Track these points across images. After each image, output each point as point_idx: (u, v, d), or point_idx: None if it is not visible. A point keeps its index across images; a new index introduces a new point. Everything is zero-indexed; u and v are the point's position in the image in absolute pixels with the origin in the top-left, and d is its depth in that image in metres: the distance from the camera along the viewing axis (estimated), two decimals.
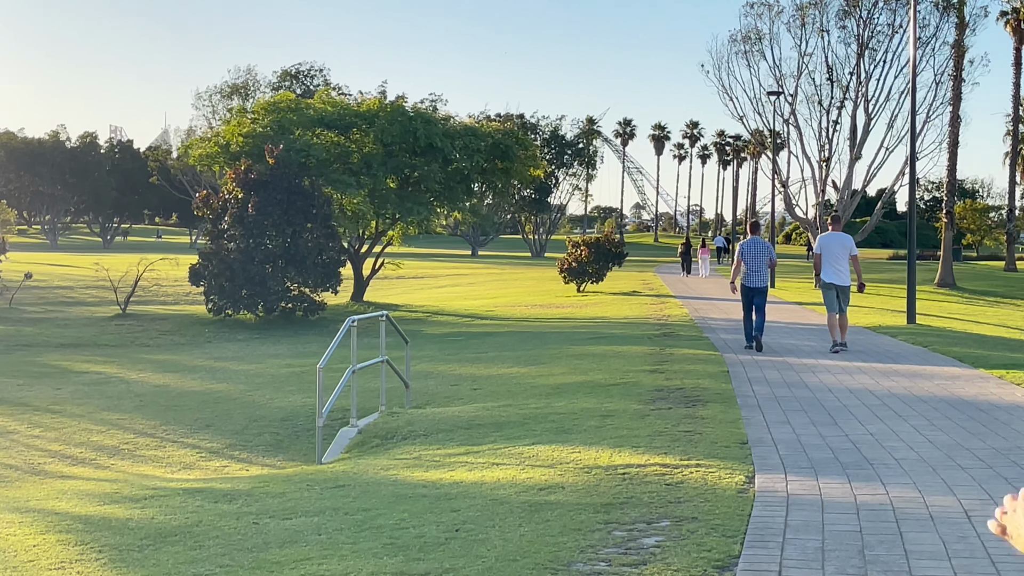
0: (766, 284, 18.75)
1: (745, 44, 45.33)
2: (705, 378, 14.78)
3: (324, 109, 32.72)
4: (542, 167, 38.28)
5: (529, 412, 12.54)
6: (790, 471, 8.74)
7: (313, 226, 28.84)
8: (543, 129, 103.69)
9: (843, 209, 43.85)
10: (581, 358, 17.98)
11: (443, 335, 25.38)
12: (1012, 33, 58.19)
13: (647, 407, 12.27)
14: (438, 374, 18.00)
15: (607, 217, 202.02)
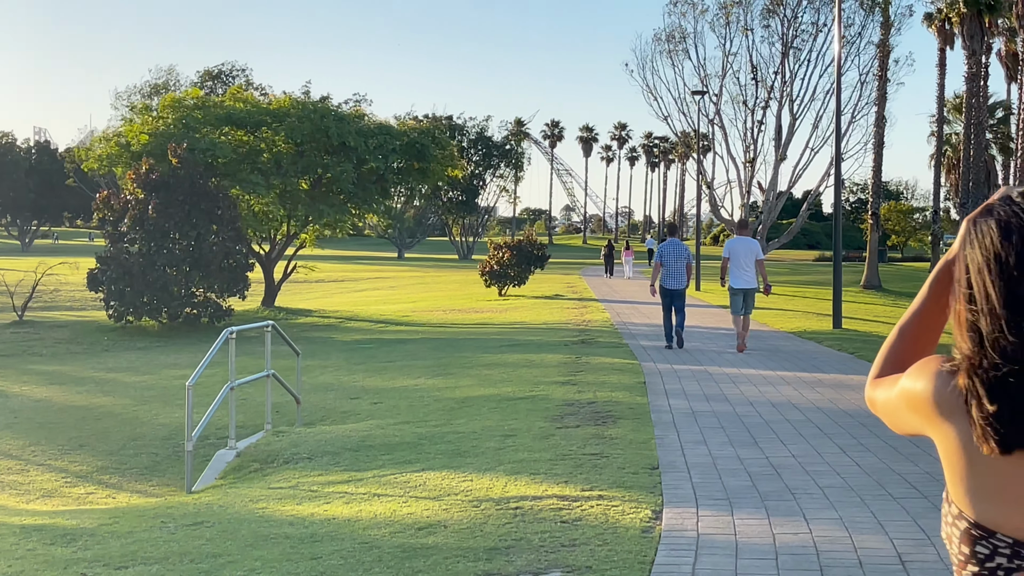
0: (684, 286, 18.97)
1: (669, 43, 44.70)
2: (620, 390, 13.83)
3: (232, 107, 31.37)
4: (460, 167, 37.17)
5: (426, 431, 11.50)
6: (703, 503, 7.78)
7: (219, 228, 27.55)
8: (470, 130, 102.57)
9: (768, 210, 43.31)
10: (492, 368, 16.97)
11: (353, 342, 24.24)
12: (937, 34, 58.06)
13: (553, 425, 11.28)
14: (339, 387, 16.89)
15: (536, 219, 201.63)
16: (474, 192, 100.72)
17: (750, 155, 43.52)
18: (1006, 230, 1.90)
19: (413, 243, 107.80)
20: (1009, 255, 1.87)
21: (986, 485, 1.87)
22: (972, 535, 1.89)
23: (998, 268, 1.88)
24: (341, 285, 52.04)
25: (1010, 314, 1.84)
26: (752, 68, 43.13)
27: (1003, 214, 1.93)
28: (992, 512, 1.87)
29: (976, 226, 1.96)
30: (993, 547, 1.86)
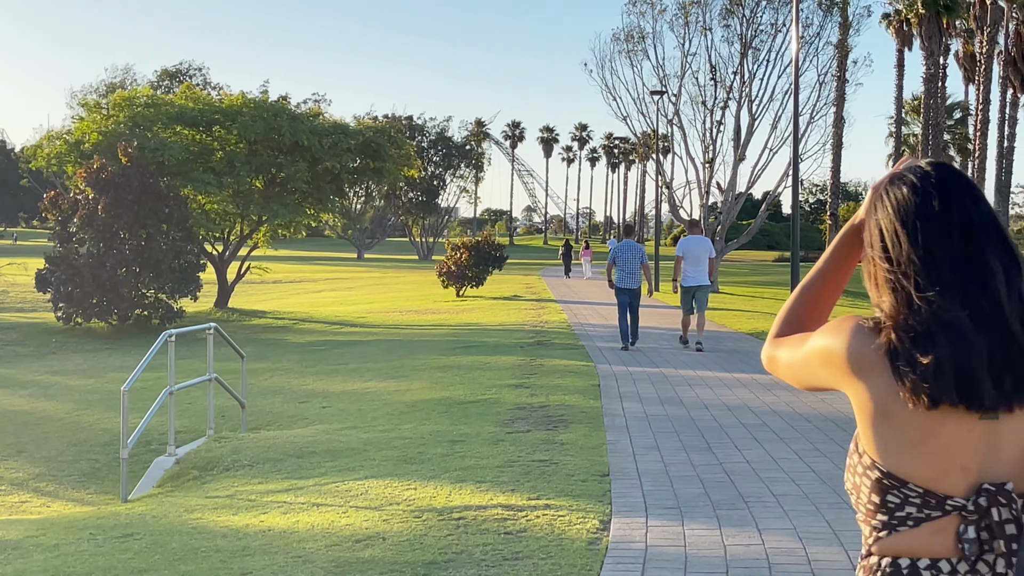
0: (639, 285, 19.08)
1: (628, 43, 44.37)
2: (573, 394, 13.55)
3: (184, 105, 30.84)
4: (417, 167, 36.77)
5: (373, 436, 11.18)
6: (653, 513, 7.50)
7: (169, 228, 27.05)
8: (430, 131, 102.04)
9: (727, 211, 43.17)
10: (445, 370, 16.65)
11: (307, 344, 23.85)
12: (895, 35, 58.27)
13: (503, 430, 10.98)
14: (289, 390, 16.52)
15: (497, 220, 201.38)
16: (434, 193, 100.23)
17: (709, 155, 43.31)
18: (922, 194, 2.00)
19: (373, 244, 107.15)
20: (924, 217, 1.98)
21: (901, 438, 1.95)
22: (883, 485, 1.97)
23: (915, 230, 1.97)
24: (298, 286, 51.51)
25: (929, 271, 1.94)
26: (711, 68, 42.92)
27: (914, 179, 2.03)
28: (905, 463, 1.95)
29: (888, 192, 2.06)
30: (904, 496, 1.96)
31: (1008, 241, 2.00)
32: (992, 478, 1.94)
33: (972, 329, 1.91)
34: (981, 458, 1.94)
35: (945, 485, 1.95)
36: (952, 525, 1.94)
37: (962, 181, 2.05)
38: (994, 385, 1.90)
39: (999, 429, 1.94)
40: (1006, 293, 1.94)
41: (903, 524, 1.97)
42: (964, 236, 1.97)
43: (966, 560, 1.93)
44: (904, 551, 1.98)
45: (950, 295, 1.93)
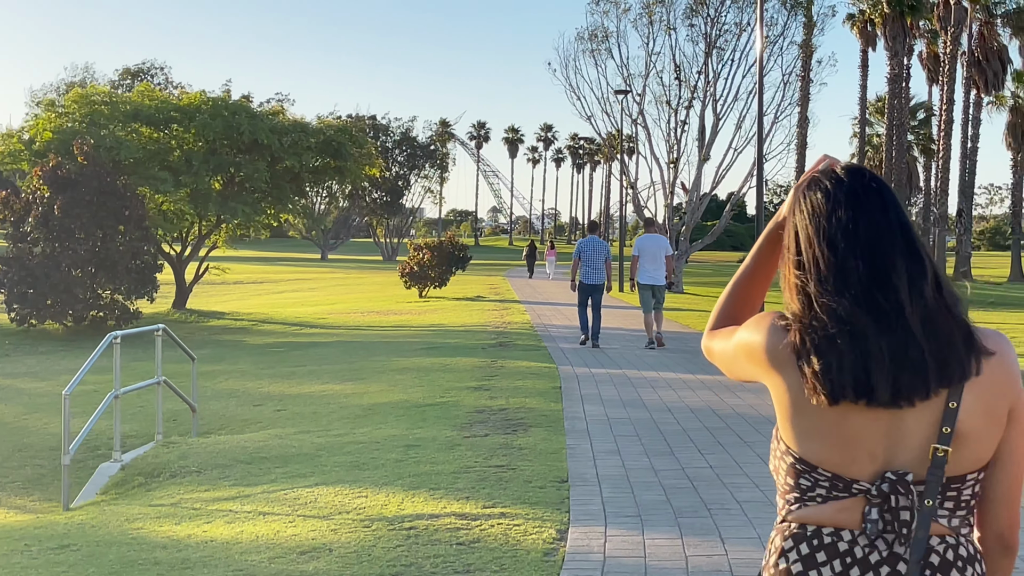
0: (603, 281, 19.17)
1: (592, 42, 44.17)
2: (533, 396, 13.25)
3: (141, 103, 30.32)
4: (378, 166, 36.36)
5: (327, 441, 10.84)
6: (612, 521, 7.21)
7: (126, 228, 26.57)
8: (394, 131, 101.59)
9: (692, 211, 43.02)
10: (404, 373, 16.32)
11: (265, 346, 23.46)
12: (859, 36, 58.32)
13: (461, 434, 10.67)
14: (243, 393, 16.15)
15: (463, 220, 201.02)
16: (399, 193, 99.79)
17: (673, 155, 43.18)
18: (833, 200, 2.13)
19: (337, 244, 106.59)
20: (835, 227, 2.10)
21: (811, 428, 2.10)
22: (797, 469, 2.14)
23: (827, 238, 2.10)
24: (260, 287, 51.02)
25: (835, 279, 2.07)
26: (675, 68, 42.79)
27: (829, 186, 2.15)
28: (816, 450, 2.11)
29: (805, 196, 2.17)
30: (814, 480, 2.12)
31: (915, 245, 2.10)
32: (896, 466, 2.07)
33: (873, 330, 2.04)
34: (886, 446, 2.08)
35: (852, 470, 2.09)
36: (858, 505, 2.09)
37: (873, 187, 2.15)
38: (892, 383, 2.03)
39: (903, 420, 2.06)
40: (908, 296, 2.05)
41: (812, 500, 2.13)
42: (870, 243, 2.08)
43: (869, 535, 2.07)
44: (812, 521, 2.13)
45: (853, 299, 2.05)
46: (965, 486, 2.11)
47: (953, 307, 2.10)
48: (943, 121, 47.54)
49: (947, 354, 2.05)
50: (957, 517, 2.11)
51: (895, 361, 2.03)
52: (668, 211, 43.70)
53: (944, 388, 2.05)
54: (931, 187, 67.77)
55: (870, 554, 2.08)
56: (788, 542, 2.16)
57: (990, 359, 2.08)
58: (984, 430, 2.08)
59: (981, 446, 2.10)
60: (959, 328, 2.08)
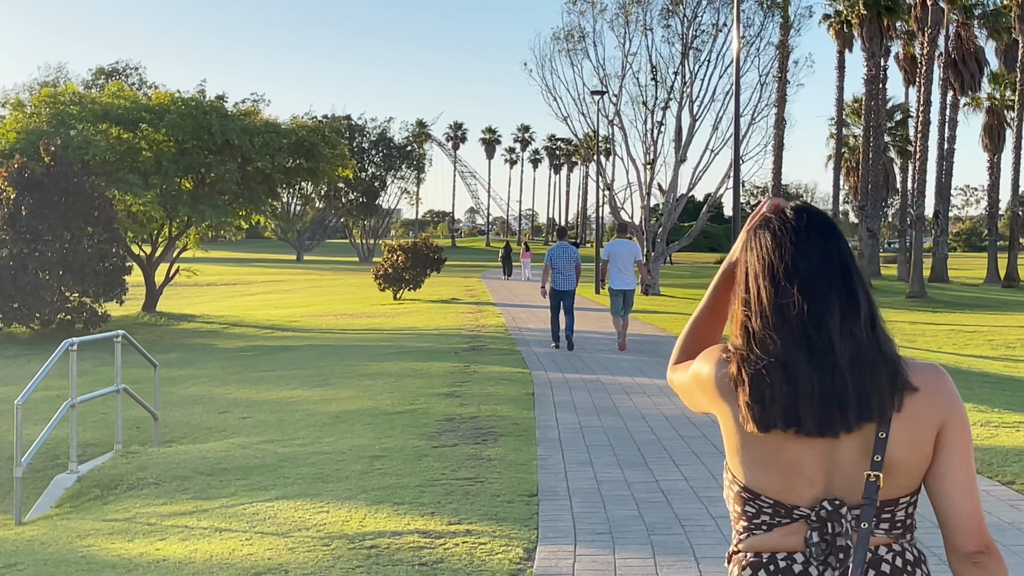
0: (573, 287, 19.40)
1: (568, 42, 43.89)
2: (506, 403, 12.96)
3: (110, 103, 29.85)
4: (351, 167, 35.94)
5: (291, 451, 10.51)
6: (582, 539, 6.92)
7: (94, 230, 26.12)
8: (370, 131, 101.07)
9: (669, 213, 42.78)
10: (375, 378, 15.99)
11: (234, 350, 23.07)
12: (835, 37, 58.23)
13: (429, 444, 10.36)
14: (210, 399, 15.78)
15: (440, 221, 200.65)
16: (375, 194, 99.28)
17: (650, 157, 42.95)
18: (779, 244, 2.26)
19: (312, 245, 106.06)
20: (778, 267, 2.24)
21: (753, 457, 2.23)
22: (743, 496, 2.26)
23: (770, 277, 2.24)
24: (233, 289, 50.53)
25: (776, 318, 2.21)
26: (652, 68, 42.55)
27: (776, 227, 2.29)
28: (759, 479, 2.23)
29: (756, 236, 2.31)
30: (759, 507, 2.24)
31: (853, 286, 2.24)
32: (833, 491, 2.21)
33: (805, 366, 2.17)
34: (823, 473, 2.21)
35: (792, 497, 2.22)
36: (802, 529, 2.22)
37: (817, 228, 2.29)
38: (818, 415, 2.16)
39: (837, 449, 2.20)
40: (839, 335, 2.19)
41: (759, 528, 2.25)
42: (809, 283, 2.22)
43: (815, 557, 2.21)
44: (763, 548, 2.25)
45: (788, 335, 2.20)
46: (898, 508, 2.25)
47: (884, 346, 2.23)
48: (920, 122, 47.35)
49: (869, 391, 2.18)
50: (893, 534, 2.26)
51: (822, 395, 2.17)
52: (645, 212, 43.45)
53: (865, 422, 2.18)
54: (907, 188, 67.86)
55: (824, 573, 2.22)
56: (747, 571, 2.28)
57: (913, 395, 2.21)
58: (911, 459, 2.22)
59: (909, 473, 2.24)
60: (886, 366, 2.20)
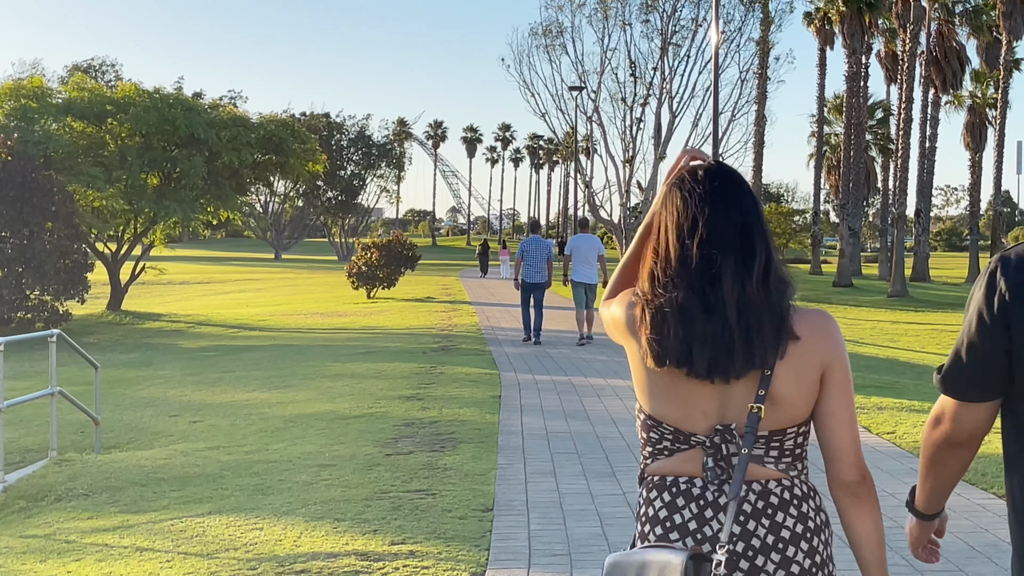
0: (544, 279, 19.78)
1: (546, 37, 43.20)
2: (470, 406, 12.27)
3: (73, 96, 28.98)
4: (322, 162, 35.09)
5: (236, 459, 9.81)
6: (537, 561, 6.24)
7: (54, 226, 25.33)
8: (349, 129, 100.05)
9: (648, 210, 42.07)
10: (336, 379, 15.29)
11: (197, 350, 22.33)
12: (816, 34, 57.67)
13: (383, 451, 9.66)
14: (163, 401, 15.05)
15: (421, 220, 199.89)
16: (354, 192, 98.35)
17: (629, 154, 42.28)
18: (685, 204, 2.55)
19: (291, 244, 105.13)
20: (684, 225, 2.53)
21: (654, 389, 2.55)
22: (648, 424, 2.60)
23: (676, 233, 2.53)
24: (206, 287, 49.67)
25: (678, 268, 2.50)
26: (631, 64, 41.87)
27: (690, 184, 2.57)
28: (660, 408, 2.55)
29: (670, 194, 2.61)
30: (661, 433, 2.56)
31: (751, 244, 2.50)
32: (726, 421, 2.50)
33: (700, 315, 2.45)
34: (716, 406, 2.50)
35: (689, 425, 2.52)
36: (699, 455, 2.52)
37: (724, 189, 2.56)
38: (708, 361, 2.44)
39: (729, 387, 2.49)
40: (730, 289, 2.45)
41: (662, 453, 2.57)
42: (708, 241, 2.49)
43: (711, 480, 2.50)
44: (665, 472, 2.57)
45: (687, 286, 2.48)
46: (786, 438, 2.50)
47: (773, 298, 2.47)
48: (902, 120, 46.76)
49: (755, 344, 2.43)
50: (783, 463, 2.51)
51: (713, 344, 2.43)
52: (624, 210, 42.79)
53: (751, 371, 2.44)
54: (888, 187, 67.37)
55: (719, 497, 2.48)
56: (653, 492, 2.57)
57: (797, 341, 2.46)
58: (795, 393, 2.46)
59: (795, 406, 2.48)
60: (771, 319, 2.45)
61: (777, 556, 2.46)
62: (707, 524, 2.48)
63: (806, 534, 2.49)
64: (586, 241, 19.60)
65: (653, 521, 2.54)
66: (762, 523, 2.47)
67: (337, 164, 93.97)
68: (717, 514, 2.47)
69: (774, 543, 2.47)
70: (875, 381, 14.82)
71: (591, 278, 19.27)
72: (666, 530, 2.51)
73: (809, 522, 2.50)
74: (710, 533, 2.47)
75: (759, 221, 2.53)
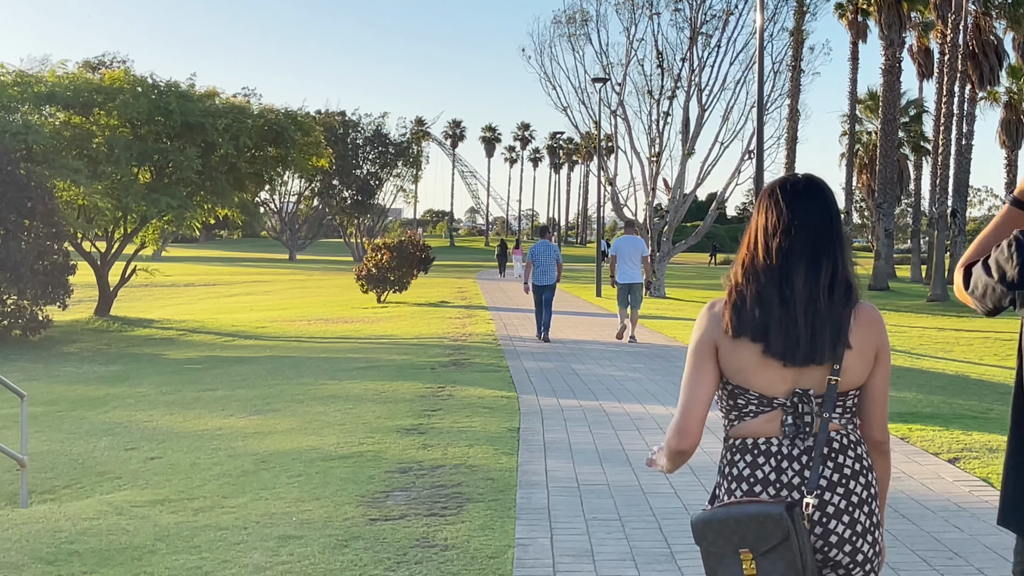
0: (553, 281, 20.47)
1: (570, 26, 40.95)
2: (482, 443, 10.06)
3: (57, 83, 26.82)
4: (327, 155, 32.75)
5: (178, 522, 7.63)
6: None
7: (32, 224, 23.18)
8: (365, 127, 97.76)
9: (675, 210, 39.84)
10: (328, 402, 13.12)
11: (184, 361, 20.17)
12: (848, 27, 55.32)
13: (367, 514, 7.47)
14: (125, 428, 12.85)
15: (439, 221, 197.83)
16: (370, 192, 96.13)
17: (655, 150, 39.96)
18: (776, 210, 3.07)
19: (306, 244, 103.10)
20: (770, 229, 3.05)
21: (743, 363, 3.03)
22: (735, 392, 3.06)
23: (763, 235, 3.06)
24: (211, 290, 47.56)
25: (764, 265, 3.03)
26: (658, 55, 39.52)
27: (776, 198, 3.09)
28: (747, 379, 3.03)
29: (763, 198, 3.14)
30: (747, 399, 3.03)
31: (820, 254, 3.02)
32: (802, 386, 3.00)
33: (777, 305, 2.98)
34: (793, 375, 3.00)
35: (772, 391, 3.00)
36: (778, 416, 3.01)
37: (804, 202, 3.07)
38: (786, 347, 2.96)
39: (804, 371, 3.01)
40: (801, 291, 2.98)
41: (746, 416, 3.04)
42: (787, 248, 3.01)
43: (787, 437, 3.00)
44: (749, 434, 3.04)
45: (768, 281, 3.01)
46: (848, 399, 3.07)
47: (836, 308, 3.01)
48: (941, 114, 44.38)
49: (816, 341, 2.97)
50: (844, 418, 3.06)
51: (787, 332, 2.97)
52: (649, 209, 40.48)
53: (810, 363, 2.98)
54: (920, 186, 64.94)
55: (792, 450, 3.00)
56: (737, 455, 3.06)
57: (859, 329, 3.04)
58: (857, 366, 3.03)
59: (857, 375, 3.06)
60: (832, 326, 2.98)
61: (841, 489, 3.00)
62: (783, 473, 2.99)
63: (862, 471, 3.05)
64: (631, 242, 20.05)
65: (739, 479, 3.03)
66: (827, 464, 3.00)
67: (353, 163, 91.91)
68: (792, 464, 2.99)
69: (840, 479, 3.00)
70: (966, 409, 12.51)
71: (635, 278, 19.75)
72: (751, 484, 3.00)
73: (864, 461, 3.07)
74: (786, 480, 2.98)
75: (832, 233, 3.06)
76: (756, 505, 2.87)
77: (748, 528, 2.85)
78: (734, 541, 2.87)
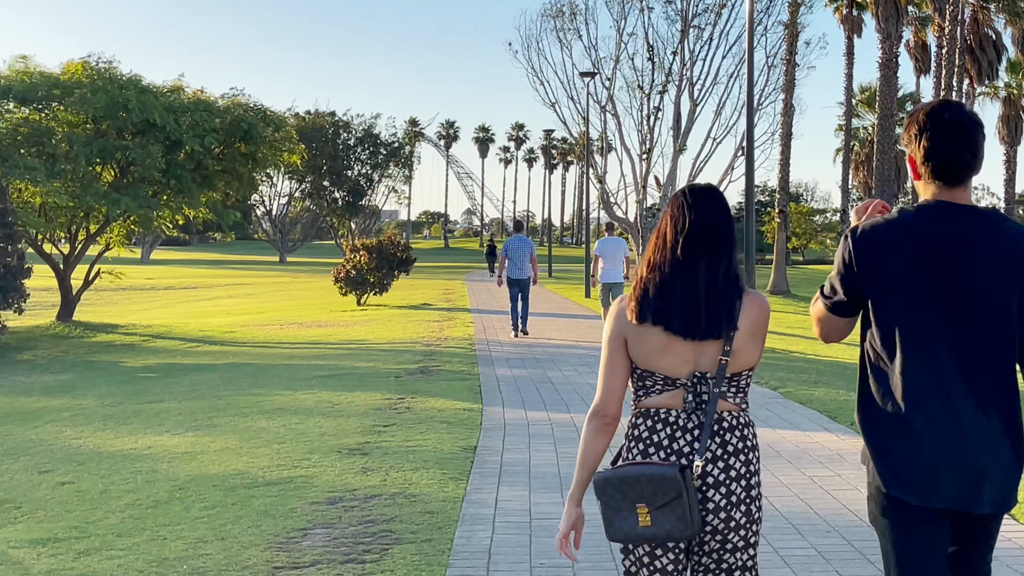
0: (527, 276, 20.62)
1: (558, 19, 39.76)
2: (429, 466, 8.86)
3: (11, 77, 25.55)
4: (299, 151, 31.46)
5: (51, 569, 6.44)
6: None
7: None
8: (356, 128, 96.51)
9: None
10: (275, 416, 11.92)
11: (139, 370, 18.97)
12: (841, 22, 54.08)
13: (271, 562, 6.27)
14: (47, 447, 11.64)
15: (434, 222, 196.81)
16: (361, 193, 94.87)
17: (646, 146, 38.76)
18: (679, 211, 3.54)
19: (297, 246, 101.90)
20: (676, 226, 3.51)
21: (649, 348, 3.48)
22: (643, 375, 3.51)
23: (671, 232, 3.51)
24: (191, 293, 46.33)
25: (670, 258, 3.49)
26: (648, 48, 38.34)
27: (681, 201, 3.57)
28: (653, 362, 3.48)
29: (672, 203, 3.59)
30: (654, 380, 3.49)
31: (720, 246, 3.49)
32: (701, 368, 3.44)
33: (679, 290, 3.43)
34: (695, 358, 3.44)
35: (676, 372, 3.45)
36: (680, 393, 3.45)
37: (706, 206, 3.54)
38: (688, 323, 3.41)
39: (703, 347, 3.44)
40: (703, 278, 3.43)
41: (652, 392, 3.49)
42: (690, 242, 3.47)
43: (685, 412, 3.44)
44: (653, 405, 3.48)
45: (672, 272, 3.46)
46: (742, 379, 3.50)
47: (730, 289, 3.46)
48: None
49: (714, 317, 3.41)
50: (738, 397, 3.49)
51: (687, 312, 3.42)
52: (640, 207, 39.28)
53: (711, 337, 3.42)
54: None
55: (687, 422, 3.45)
56: (639, 419, 3.51)
57: (748, 314, 3.47)
58: (746, 348, 3.46)
59: (745, 357, 3.47)
60: (727, 303, 3.43)
61: (722, 464, 3.42)
62: (675, 441, 3.44)
63: (744, 449, 3.46)
64: (614, 243, 21.02)
65: (636, 440, 3.49)
66: (715, 440, 3.43)
67: (344, 163, 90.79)
68: (685, 435, 3.44)
69: (722, 455, 3.43)
70: None
71: (617, 278, 20.39)
72: (646, 446, 3.46)
73: (748, 441, 3.49)
74: (677, 448, 3.43)
75: (729, 234, 3.52)
76: (653, 467, 3.35)
77: (645, 486, 3.32)
78: (631, 496, 3.34)
